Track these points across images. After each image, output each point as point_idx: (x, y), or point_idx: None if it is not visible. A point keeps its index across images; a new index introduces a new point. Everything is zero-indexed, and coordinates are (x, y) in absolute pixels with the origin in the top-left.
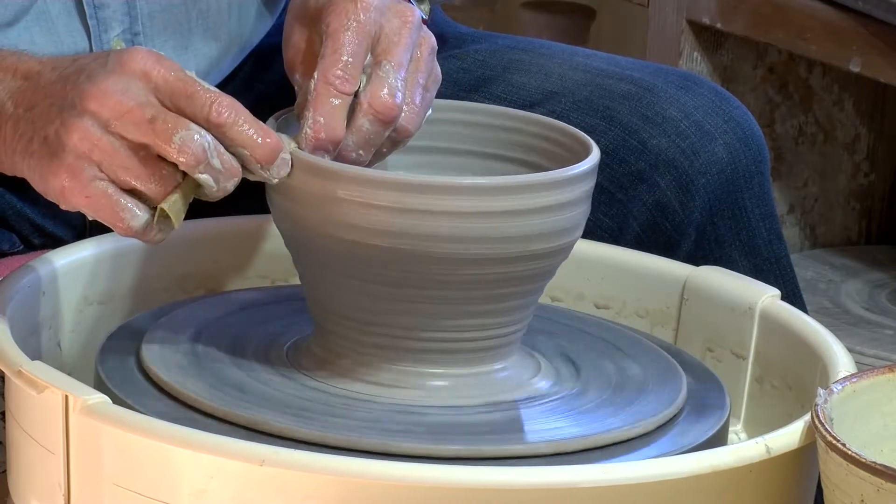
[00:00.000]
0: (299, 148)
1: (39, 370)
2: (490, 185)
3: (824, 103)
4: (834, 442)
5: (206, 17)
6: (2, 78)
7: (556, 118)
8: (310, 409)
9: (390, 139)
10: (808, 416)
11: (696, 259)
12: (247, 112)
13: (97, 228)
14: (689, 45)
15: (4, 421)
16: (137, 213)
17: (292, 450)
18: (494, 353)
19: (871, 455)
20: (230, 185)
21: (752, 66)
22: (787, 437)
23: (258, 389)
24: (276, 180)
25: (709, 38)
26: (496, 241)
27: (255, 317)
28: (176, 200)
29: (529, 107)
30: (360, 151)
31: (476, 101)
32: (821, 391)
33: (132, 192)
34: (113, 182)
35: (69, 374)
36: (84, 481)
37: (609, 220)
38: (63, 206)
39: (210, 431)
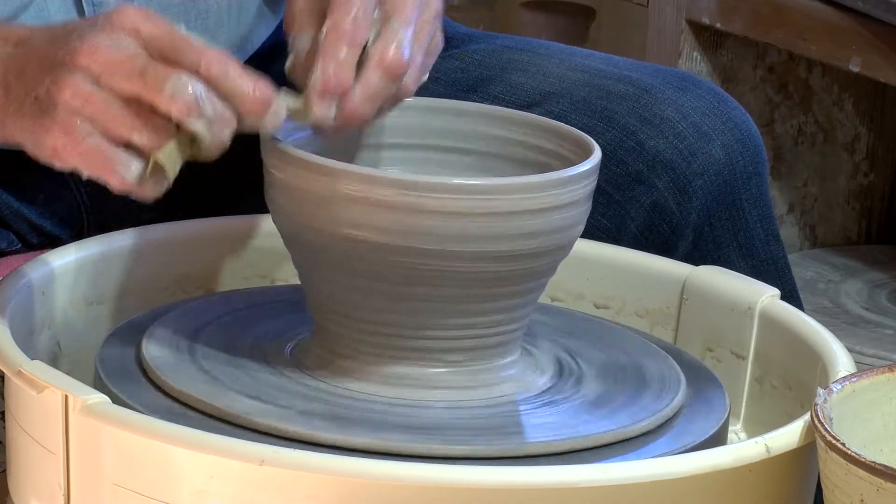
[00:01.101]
0: (306, 98)
1: (39, 370)
2: (489, 185)
3: (824, 103)
4: (834, 442)
5: (206, 18)
6: None
7: (553, 118)
8: (310, 408)
9: (392, 96)
10: (807, 416)
11: (693, 260)
12: (237, 64)
13: (96, 227)
14: (689, 45)
15: (4, 421)
16: (132, 166)
17: (292, 450)
18: (494, 352)
19: (871, 455)
20: (225, 135)
21: (752, 66)
22: (787, 436)
23: (258, 389)
24: (271, 128)
25: (708, 38)
26: (495, 241)
27: (254, 316)
28: (171, 150)
29: (527, 107)
30: (366, 104)
31: (474, 101)
32: (820, 391)
33: (126, 147)
34: (106, 137)
35: (69, 374)
36: (84, 481)
37: (606, 222)
38: (57, 166)
39: (210, 431)
